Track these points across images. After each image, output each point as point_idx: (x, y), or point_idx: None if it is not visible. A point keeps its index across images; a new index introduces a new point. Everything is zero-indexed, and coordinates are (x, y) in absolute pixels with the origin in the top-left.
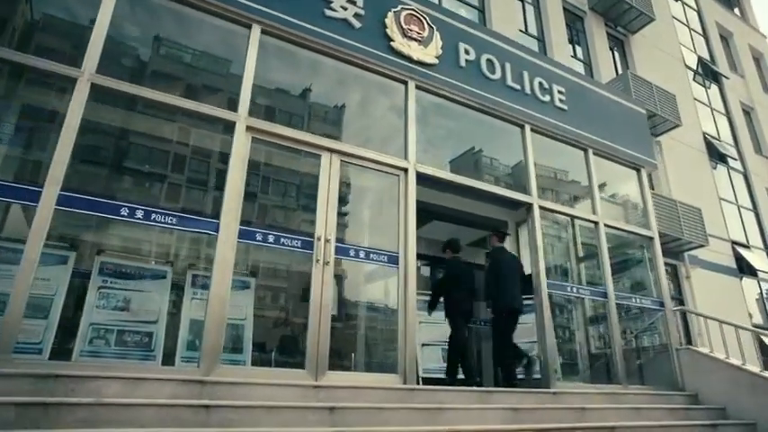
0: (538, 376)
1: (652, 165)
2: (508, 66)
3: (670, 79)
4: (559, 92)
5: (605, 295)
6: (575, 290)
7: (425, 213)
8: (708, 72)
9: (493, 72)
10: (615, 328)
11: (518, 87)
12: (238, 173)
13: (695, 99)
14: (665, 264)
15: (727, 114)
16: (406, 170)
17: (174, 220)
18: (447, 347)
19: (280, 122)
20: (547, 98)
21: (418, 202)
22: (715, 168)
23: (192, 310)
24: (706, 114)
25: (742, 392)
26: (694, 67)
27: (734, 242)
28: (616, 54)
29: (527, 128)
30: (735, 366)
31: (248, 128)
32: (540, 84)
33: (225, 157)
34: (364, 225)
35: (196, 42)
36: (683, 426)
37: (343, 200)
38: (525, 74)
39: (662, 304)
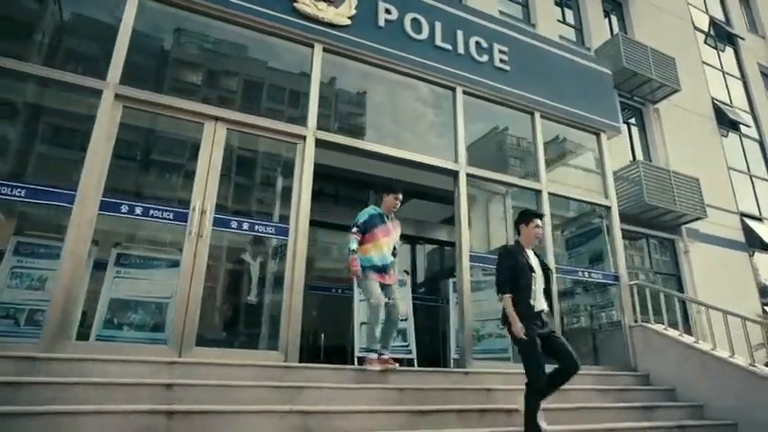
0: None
1: (614, 129)
2: (438, 25)
3: (675, 43)
4: (501, 51)
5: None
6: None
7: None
8: (722, 34)
9: (419, 32)
10: (553, 304)
11: (449, 48)
12: (102, 143)
13: (704, 63)
14: (662, 238)
15: (743, 78)
16: (303, 137)
17: (24, 192)
18: None
19: (162, 91)
20: (485, 58)
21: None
22: (726, 136)
23: (113, 288)
24: (717, 79)
25: (692, 372)
26: (705, 29)
27: (743, 214)
28: (613, 18)
29: (458, 90)
30: (685, 344)
31: (118, 96)
32: (478, 43)
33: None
34: (257, 195)
35: (67, 3)
36: (613, 408)
37: (234, 169)
38: (459, 33)
39: (617, 278)
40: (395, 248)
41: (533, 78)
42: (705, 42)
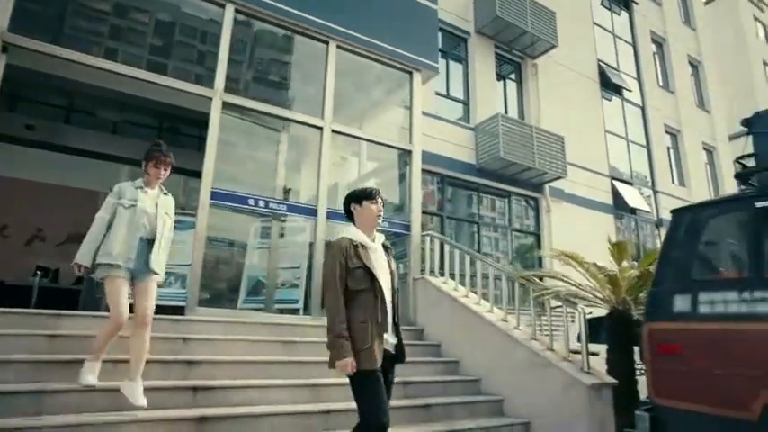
0: None
1: (431, 69)
2: None
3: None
4: None
5: (314, 213)
6: (257, 203)
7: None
8: None
9: None
10: (320, 253)
11: None
12: None
13: (595, 24)
14: (526, 196)
15: (634, 44)
16: None
17: None
18: None
19: None
20: None
21: None
22: (610, 100)
23: None
24: (609, 42)
25: (457, 327)
26: None
27: (613, 178)
28: None
29: (229, 9)
30: (454, 298)
31: None
32: None
33: None
34: None
35: None
36: None
37: None
38: None
39: (408, 228)
40: None
41: (332, 4)
42: (602, 4)
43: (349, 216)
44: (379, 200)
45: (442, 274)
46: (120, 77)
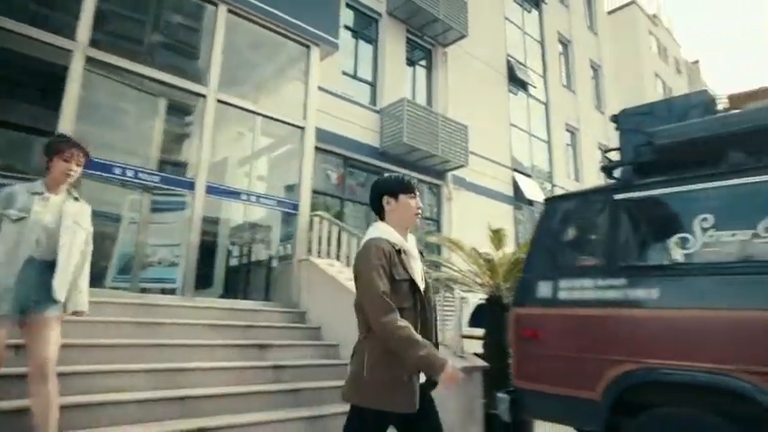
0: None
1: (330, 44)
2: None
3: None
4: None
5: (192, 186)
6: (125, 173)
7: None
8: None
9: None
10: (195, 230)
11: None
12: None
13: (507, 19)
14: (429, 183)
15: (542, 42)
16: None
17: None
18: None
19: None
20: None
21: None
22: (516, 95)
23: None
24: (520, 39)
25: (339, 310)
26: None
27: (515, 170)
28: None
29: None
30: (336, 281)
31: None
32: None
33: None
34: None
35: None
36: (221, 346)
37: None
38: None
39: (296, 207)
40: None
41: None
42: (514, 0)
43: (377, 210)
44: (418, 192)
45: (329, 256)
46: None
